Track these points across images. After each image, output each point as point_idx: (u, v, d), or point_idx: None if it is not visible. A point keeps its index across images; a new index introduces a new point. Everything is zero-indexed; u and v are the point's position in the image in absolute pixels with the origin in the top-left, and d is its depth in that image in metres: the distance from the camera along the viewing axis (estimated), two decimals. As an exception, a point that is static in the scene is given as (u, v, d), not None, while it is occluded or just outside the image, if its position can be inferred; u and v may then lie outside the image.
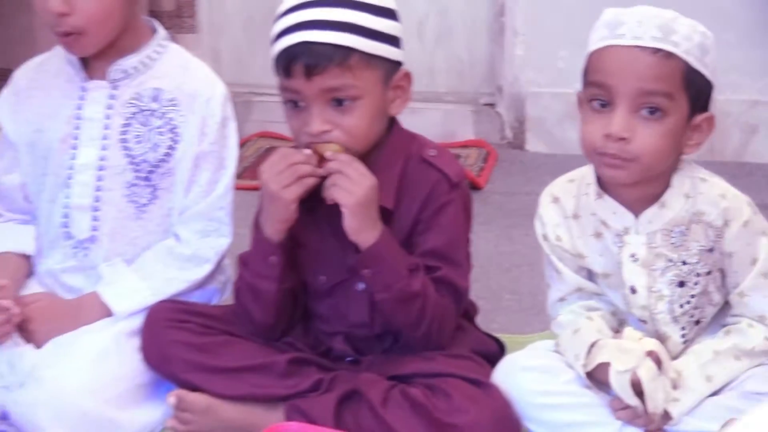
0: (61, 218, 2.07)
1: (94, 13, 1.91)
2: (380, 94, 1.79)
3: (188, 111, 2.05)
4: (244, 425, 1.86)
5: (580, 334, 1.75)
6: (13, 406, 1.85)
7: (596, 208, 1.77)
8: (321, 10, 1.73)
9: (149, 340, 1.93)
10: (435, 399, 1.73)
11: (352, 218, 1.76)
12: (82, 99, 2.05)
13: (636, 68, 1.61)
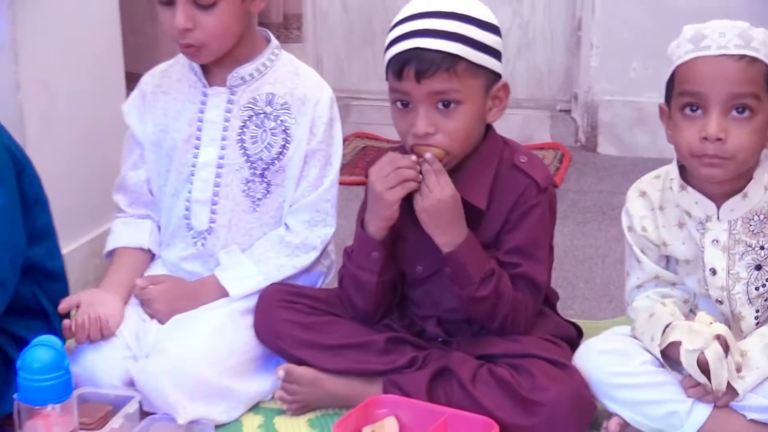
0: (183, 211, 2.15)
1: (214, 28, 1.99)
2: (481, 101, 1.85)
3: (299, 113, 2.12)
4: (345, 397, 1.95)
5: (656, 317, 1.79)
6: (139, 375, 1.92)
7: (680, 200, 1.82)
8: (433, 20, 1.78)
9: (261, 318, 2.02)
10: (519, 377, 1.79)
11: (423, 221, 1.84)
12: (204, 103, 2.14)
13: (725, 75, 1.67)
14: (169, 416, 1.90)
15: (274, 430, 1.95)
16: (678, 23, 3.42)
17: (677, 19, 3.46)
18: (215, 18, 1.98)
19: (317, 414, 2.00)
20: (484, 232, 1.90)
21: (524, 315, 1.90)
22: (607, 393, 1.82)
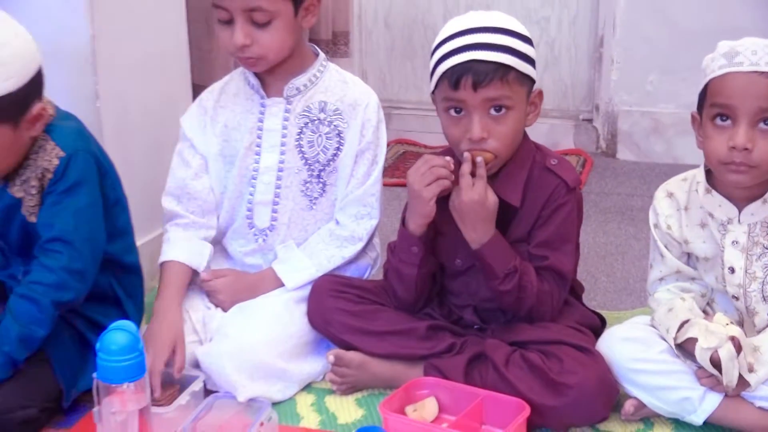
0: (246, 211, 2.17)
1: (270, 43, 2.00)
2: (524, 107, 1.86)
3: (350, 118, 2.12)
4: (389, 379, 1.96)
5: (674, 312, 1.79)
6: (204, 357, 1.95)
7: (704, 202, 1.81)
8: (485, 35, 1.78)
9: (314, 306, 2.02)
10: (549, 362, 1.79)
11: (455, 218, 1.85)
12: (263, 113, 2.14)
13: (756, 90, 1.66)
14: (231, 394, 1.90)
15: (325, 408, 1.95)
16: (691, 41, 3.46)
17: (691, 37, 3.49)
18: (270, 34, 1.99)
19: (364, 394, 2.00)
20: (518, 227, 1.90)
21: (550, 304, 1.90)
22: (627, 377, 1.82)
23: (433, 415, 1.83)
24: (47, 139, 1.84)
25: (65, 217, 1.83)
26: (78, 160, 1.84)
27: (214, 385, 1.94)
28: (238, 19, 1.96)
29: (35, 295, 1.79)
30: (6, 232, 1.92)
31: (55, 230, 1.82)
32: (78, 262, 1.84)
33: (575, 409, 1.78)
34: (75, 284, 1.84)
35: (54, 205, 1.83)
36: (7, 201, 1.87)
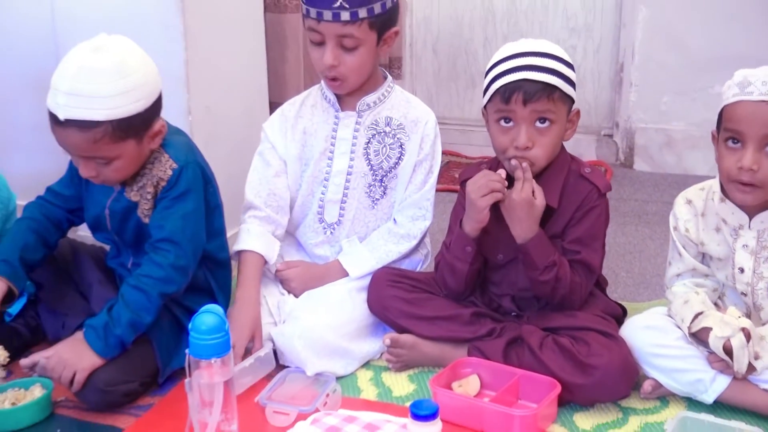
0: (317, 208, 2.17)
1: (353, 65, 2.02)
2: (564, 123, 1.85)
3: (411, 132, 2.13)
4: (437, 358, 1.95)
5: (689, 304, 1.77)
6: (278, 336, 1.95)
7: (719, 209, 1.80)
8: (535, 59, 1.80)
9: (373, 294, 2.02)
10: (578, 346, 1.77)
11: (504, 214, 1.85)
12: (336, 124, 2.15)
13: (763, 118, 1.64)
14: (301, 369, 1.92)
15: (382, 383, 1.94)
16: (700, 67, 3.42)
17: (700, 64, 3.45)
18: (355, 58, 2.01)
19: (415, 371, 1.99)
20: (555, 225, 1.89)
21: (579, 294, 1.89)
22: (646, 360, 1.81)
23: (476, 390, 1.82)
24: (162, 152, 1.88)
25: (174, 220, 1.85)
26: (188, 171, 1.87)
27: (286, 361, 1.95)
28: (330, 42, 1.98)
29: (145, 287, 1.82)
30: (122, 230, 1.95)
31: (165, 231, 1.85)
32: (183, 259, 1.86)
33: (600, 388, 1.76)
34: (179, 279, 1.87)
35: (165, 209, 1.86)
36: (125, 203, 1.91)
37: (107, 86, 1.71)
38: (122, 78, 1.72)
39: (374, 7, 1.96)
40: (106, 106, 1.71)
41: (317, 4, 1.95)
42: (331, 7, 1.92)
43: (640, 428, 1.73)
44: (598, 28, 3.75)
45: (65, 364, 1.76)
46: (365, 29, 1.98)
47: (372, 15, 1.96)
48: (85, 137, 1.72)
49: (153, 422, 1.78)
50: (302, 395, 1.84)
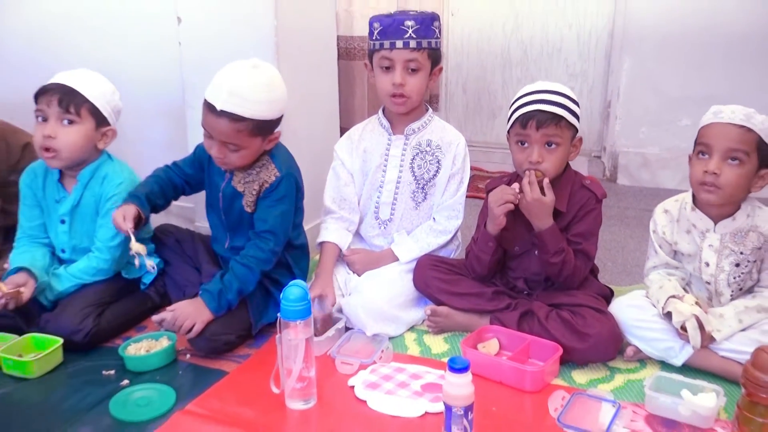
0: (374, 208, 2.18)
1: (416, 86, 2.03)
2: (568, 146, 1.84)
3: (447, 151, 2.12)
4: (467, 325, 1.94)
5: (663, 289, 1.75)
6: (345, 306, 1.96)
7: (690, 216, 1.77)
8: (547, 95, 1.80)
9: (418, 275, 2.02)
10: (576, 318, 1.76)
11: (525, 212, 1.83)
12: (389, 144, 2.15)
13: (728, 135, 1.64)
14: (362, 331, 1.93)
15: (423, 342, 1.93)
16: (672, 105, 3.38)
17: (672, 102, 3.41)
18: (417, 80, 2.03)
19: (449, 334, 1.98)
20: (562, 222, 1.87)
21: (578, 276, 1.88)
22: (629, 331, 1.79)
23: (496, 350, 1.81)
24: (269, 161, 1.92)
25: (275, 217, 1.90)
26: (287, 180, 1.91)
27: (351, 325, 1.96)
28: (398, 66, 2.00)
29: (250, 264, 1.86)
30: (228, 212, 1.99)
31: (267, 225, 1.89)
32: (278, 246, 1.91)
33: (593, 351, 1.75)
34: (273, 259, 1.91)
35: (268, 207, 1.90)
36: (231, 189, 1.94)
37: (259, 94, 1.77)
38: (270, 91, 1.80)
39: (432, 42, 2.00)
40: (255, 108, 1.77)
41: (391, 36, 1.98)
42: (403, 38, 1.97)
43: (624, 384, 1.70)
44: (591, 74, 3.72)
45: (187, 316, 1.80)
46: (425, 57, 2.00)
47: (430, 47, 2.00)
48: (232, 126, 1.77)
49: (251, 367, 1.80)
50: (363, 350, 1.84)
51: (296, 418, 1.57)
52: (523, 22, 3.81)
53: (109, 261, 1.99)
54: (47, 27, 2.66)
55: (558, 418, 1.53)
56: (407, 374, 1.72)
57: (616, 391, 1.66)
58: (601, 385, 1.70)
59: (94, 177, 2.01)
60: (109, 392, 1.67)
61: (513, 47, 3.86)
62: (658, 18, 3.39)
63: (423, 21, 1.97)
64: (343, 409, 1.60)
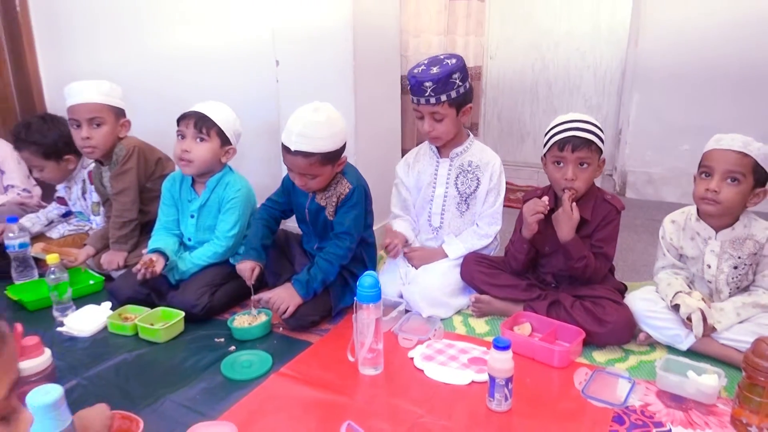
0: (427, 218, 2.12)
1: (442, 130, 1.97)
2: (596, 166, 1.77)
3: (485, 170, 2.06)
4: (504, 311, 1.90)
5: (671, 285, 1.68)
6: (405, 292, 1.95)
7: (694, 226, 1.70)
8: (580, 123, 1.75)
9: (464, 269, 1.98)
10: (596, 307, 1.71)
11: (554, 224, 1.78)
12: (437, 166, 2.09)
13: (727, 159, 1.57)
14: (418, 312, 1.90)
15: (469, 324, 1.89)
16: (673, 133, 3.26)
17: (673, 131, 3.29)
18: (442, 126, 1.97)
19: (490, 318, 1.93)
20: (587, 229, 1.81)
21: (598, 275, 1.82)
22: (642, 320, 1.72)
23: (528, 332, 1.76)
24: (342, 177, 1.90)
25: (350, 220, 1.87)
26: (358, 190, 1.89)
27: (410, 308, 1.93)
28: (426, 116, 1.96)
29: (332, 259, 1.85)
30: (315, 222, 1.96)
31: (344, 227, 1.87)
32: (353, 244, 1.88)
33: (611, 335, 1.70)
34: (349, 255, 1.89)
35: (344, 213, 1.87)
36: (315, 205, 1.92)
37: (322, 132, 1.74)
38: (330, 127, 1.76)
39: (451, 93, 1.91)
40: (320, 144, 1.74)
41: (416, 94, 1.93)
42: (424, 95, 1.91)
43: (638, 364, 1.63)
44: (605, 106, 3.61)
45: (282, 300, 1.81)
46: (446, 107, 1.93)
47: (450, 99, 1.91)
48: (305, 161, 1.75)
49: (330, 340, 1.79)
50: (420, 329, 1.82)
51: (367, 382, 1.56)
52: (549, 65, 3.72)
53: (224, 248, 2.02)
54: (172, 67, 2.72)
55: (582, 390, 1.48)
56: (456, 349, 1.69)
57: (631, 370, 1.60)
58: (618, 364, 1.63)
59: (219, 184, 2.05)
60: (220, 356, 1.68)
61: (540, 84, 3.78)
62: (663, 59, 3.27)
63: (439, 79, 1.87)
64: (405, 375, 1.58)
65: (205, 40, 2.59)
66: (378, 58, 2.32)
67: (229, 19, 2.51)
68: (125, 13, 2.81)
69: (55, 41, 3.13)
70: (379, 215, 2.20)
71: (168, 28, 2.69)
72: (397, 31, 2.45)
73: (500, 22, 3.80)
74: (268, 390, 1.52)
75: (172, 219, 2.11)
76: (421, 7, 2.72)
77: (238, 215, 2.04)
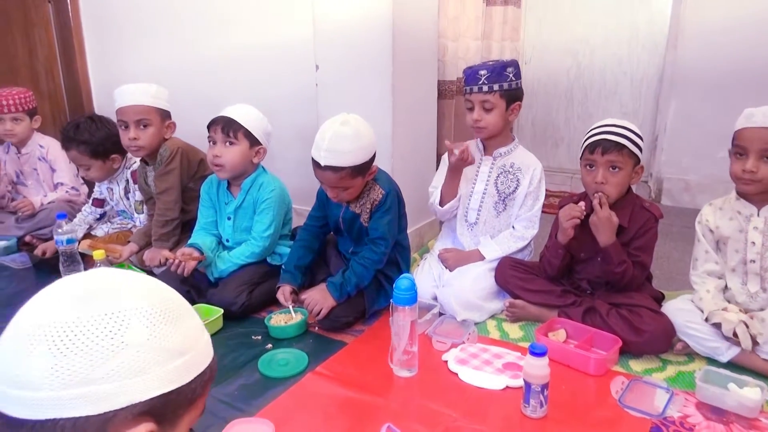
0: (464, 212, 2.10)
1: (491, 121, 1.97)
2: (630, 172, 1.73)
3: (526, 173, 2.04)
4: (538, 316, 1.86)
5: (704, 301, 1.62)
6: (439, 295, 1.93)
7: (735, 205, 1.65)
8: (612, 128, 1.71)
9: (499, 272, 1.95)
10: (633, 316, 1.66)
11: (593, 228, 1.73)
12: (480, 163, 2.08)
13: (761, 137, 1.53)
14: (453, 316, 1.88)
15: (502, 328, 1.86)
16: (710, 140, 3.18)
17: (710, 138, 3.20)
18: (491, 117, 1.97)
19: (523, 323, 1.89)
20: (624, 237, 1.76)
21: (636, 282, 1.76)
22: (680, 330, 1.65)
23: (563, 339, 1.72)
24: (375, 183, 1.88)
25: (384, 225, 1.85)
26: (391, 196, 1.87)
27: (444, 310, 1.91)
28: (476, 106, 1.96)
29: (366, 264, 1.84)
30: (350, 230, 1.95)
31: (378, 232, 1.86)
32: (387, 248, 1.87)
33: (648, 344, 1.65)
34: (383, 259, 1.88)
35: (379, 218, 1.86)
36: (350, 214, 1.91)
37: (349, 146, 1.72)
38: (358, 141, 1.73)
39: (503, 84, 1.93)
40: (348, 158, 1.73)
41: (470, 83, 1.95)
42: (477, 84, 1.93)
43: (676, 374, 1.58)
44: (641, 112, 3.52)
45: (316, 302, 1.81)
46: (497, 98, 1.94)
47: (501, 89, 1.93)
48: (335, 175, 1.75)
49: (364, 341, 1.78)
50: (454, 332, 1.80)
51: (401, 384, 1.54)
52: (585, 71, 3.65)
53: (261, 248, 2.03)
54: (213, 71, 2.76)
55: (619, 399, 1.44)
56: (490, 354, 1.67)
57: (669, 380, 1.55)
58: (656, 373, 1.58)
59: (253, 185, 2.06)
60: (257, 353, 1.69)
61: (575, 90, 3.71)
62: (702, 65, 3.18)
63: (494, 69, 1.91)
64: (439, 378, 1.56)
65: (246, 44, 2.61)
66: (416, 63, 2.30)
67: (269, 23, 2.53)
68: (170, 21, 2.86)
69: (104, 45, 3.21)
70: (413, 219, 2.19)
71: (210, 33, 2.73)
72: (435, 36, 2.44)
73: (536, 28, 3.75)
74: (305, 388, 1.51)
75: (210, 221, 2.14)
76: (459, 12, 2.69)
77: (273, 215, 2.05)
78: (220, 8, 2.66)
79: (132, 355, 0.55)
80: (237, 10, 2.60)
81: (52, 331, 0.54)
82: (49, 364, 0.53)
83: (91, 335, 0.54)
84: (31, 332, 0.54)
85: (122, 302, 0.57)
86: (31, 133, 2.78)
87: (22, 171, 2.83)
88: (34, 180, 2.83)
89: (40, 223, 2.63)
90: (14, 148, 2.80)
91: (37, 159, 2.79)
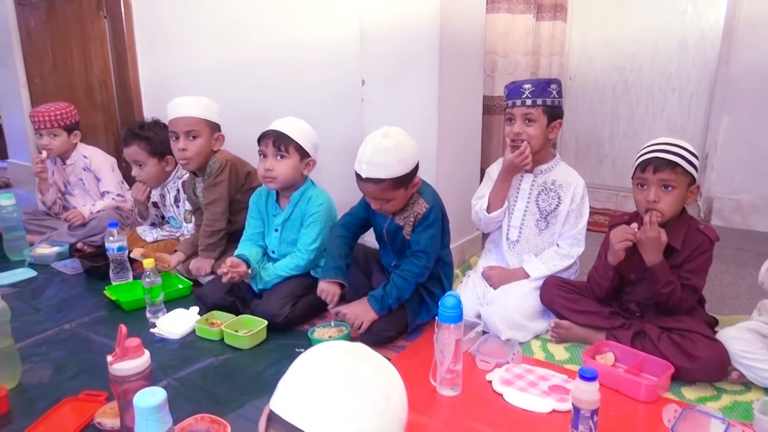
0: (507, 230, 2.07)
1: (532, 134, 1.93)
2: (684, 191, 1.67)
3: (567, 190, 2.00)
4: (585, 338, 1.81)
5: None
6: (483, 313, 1.89)
7: None
8: (665, 146, 1.66)
9: (545, 292, 1.91)
10: (685, 341, 1.60)
11: (640, 247, 1.68)
12: (521, 180, 2.05)
13: None
14: (497, 335, 1.85)
15: (547, 349, 1.82)
16: (764, 158, 3.05)
17: (764, 156, 3.07)
18: (533, 129, 1.94)
19: (569, 344, 1.85)
20: (677, 259, 1.70)
21: (684, 306, 1.70)
22: (736, 359, 1.58)
23: (611, 363, 1.67)
24: (419, 197, 1.87)
25: (426, 239, 1.84)
26: (435, 210, 1.86)
27: (488, 329, 1.88)
28: (518, 118, 1.94)
29: (408, 277, 1.83)
30: (393, 241, 1.95)
31: (420, 245, 1.84)
32: (429, 262, 1.85)
33: (702, 372, 1.59)
34: (425, 273, 1.86)
35: (422, 232, 1.85)
36: (394, 226, 1.90)
37: (391, 158, 1.72)
38: (398, 153, 1.73)
39: (546, 100, 1.92)
40: (390, 170, 1.73)
41: (513, 96, 1.94)
42: (521, 97, 1.92)
43: (732, 404, 1.52)
44: (691, 130, 3.42)
45: (357, 316, 1.81)
46: (539, 112, 1.92)
47: (544, 104, 1.92)
48: (376, 187, 1.75)
49: (407, 356, 1.77)
50: (498, 351, 1.77)
51: (445, 403, 1.53)
52: (631, 87, 3.58)
53: (306, 260, 2.05)
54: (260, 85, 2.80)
55: (672, 428, 1.39)
56: (536, 375, 1.63)
57: (724, 410, 1.49)
58: (710, 402, 1.52)
59: (301, 198, 2.09)
60: (301, 366, 1.69)
61: (621, 106, 3.64)
62: (755, 82, 3.08)
63: (539, 84, 1.91)
64: (483, 398, 1.54)
65: (294, 59, 2.65)
66: (462, 79, 2.30)
67: (317, 39, 2.56)
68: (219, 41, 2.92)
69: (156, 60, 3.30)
70: (456, 234, 2.17)
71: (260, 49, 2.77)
72: (481, 51, 2.43)
73: (581, 44, 3.70)
74: (348, 403, 1.51)
75: (258, 232, 2.17)
76: (510, 28, 2.69)
77: (320, 229, 2.06)
78: (272, 24, 2.70)
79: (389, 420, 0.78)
80: (287, 26, 2.65)
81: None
82: None
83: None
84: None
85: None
86: (72, 147, 2.89)
87: (69, 181, 2.95)
88: (81, 189, 2.93)
89: (91, 231, 2.71)
90: (59, 159, 2.91)
91: (82, 169, 2.91)
